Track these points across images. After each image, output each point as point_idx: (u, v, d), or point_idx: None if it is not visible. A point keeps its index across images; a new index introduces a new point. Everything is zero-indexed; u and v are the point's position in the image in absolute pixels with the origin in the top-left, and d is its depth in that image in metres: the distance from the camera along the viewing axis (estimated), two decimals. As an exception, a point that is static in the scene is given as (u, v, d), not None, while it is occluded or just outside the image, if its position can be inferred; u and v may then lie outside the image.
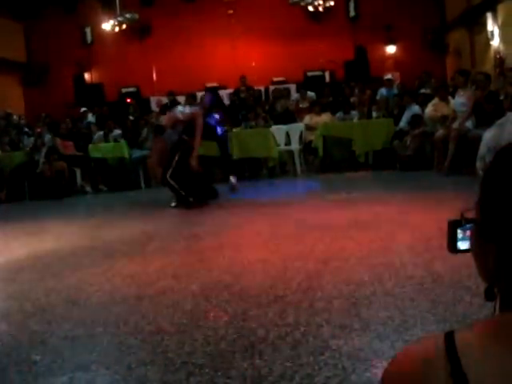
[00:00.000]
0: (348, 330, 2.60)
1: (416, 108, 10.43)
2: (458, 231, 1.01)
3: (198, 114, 8.02)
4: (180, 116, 7.98)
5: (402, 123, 10.41)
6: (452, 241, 1.02)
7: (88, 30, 16.93)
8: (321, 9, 14.92)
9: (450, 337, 0.81)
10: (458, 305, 2.78)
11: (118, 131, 11.87)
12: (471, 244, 0.93)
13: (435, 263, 3.54)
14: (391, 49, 17.81)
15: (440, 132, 9.21)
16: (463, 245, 1.01)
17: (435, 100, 10.03)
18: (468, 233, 0.99)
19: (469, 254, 0.96)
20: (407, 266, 3.57)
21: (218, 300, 3.17)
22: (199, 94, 13.26)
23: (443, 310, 2.72)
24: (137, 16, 12.51)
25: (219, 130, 9.30)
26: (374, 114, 11.45)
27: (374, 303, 2.93)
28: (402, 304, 2.87)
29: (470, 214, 0.94)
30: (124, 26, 13.47)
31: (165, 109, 10.79)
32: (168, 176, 7.72)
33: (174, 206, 7.77)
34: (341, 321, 2.72)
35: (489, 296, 0.87)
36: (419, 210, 5.98)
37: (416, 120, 9.99)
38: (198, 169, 7.82)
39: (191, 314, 2.99)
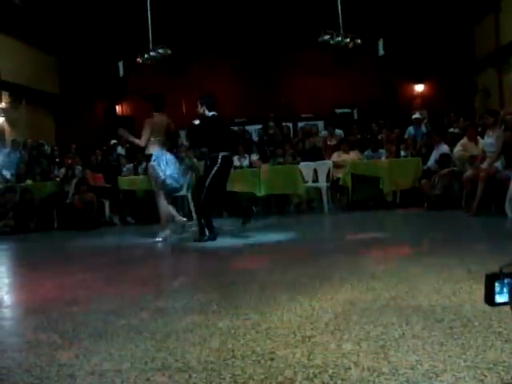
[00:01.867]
0: (377, 373, 2.58)
1: (444, 147, 10.41)
2: (496, 284, 1.02)
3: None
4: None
5: (430, 162, 10.38)
6: (489, 294, 1.03)
7: (120, 64, 17.25)
8: (350, 46, 15.06)
9: None
10: (488, 351, 2.74)
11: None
12: (510, 298, 0.94)
13: (464, 307, 3.50)
14: (419, 87, 17.88)
15: (469, 172, 9.17)
16: (501, 298, 1.02)
17: (464, 140, 10.02)
18: (506, 287, 1.00)
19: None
20: (436, 309, 3.53)
21: (245, 338, 3.17)
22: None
23: (474, 356, 2.68)
24: (169, 51, 12.74)
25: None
26: (402, 153, 11.44)
27: (402, 346, 2.90)
28: (431, 348, 2.84)
29: (510, 269, 0.95)
30: (156, 61, 13.69)
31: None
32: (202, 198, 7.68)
33: (160, 241, 7.83)
34: (369, 364, 2.69)
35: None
36: (446, 250, 5.93)
37: (444, 159, 9.97)
38: None
39: (219, 351, 2.98)
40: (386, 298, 3.90)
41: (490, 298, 1.03)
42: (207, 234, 7.60)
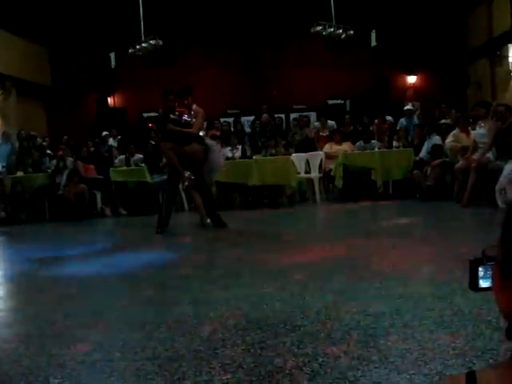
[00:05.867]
0: (366, 361, 2.59)
1: (437, 138, 10.41)
2: (480, 269, 1.01)
3: None
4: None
5: (423, 153, 10.38)
6: (473, 279, 1.02)
7: (112, 55, 17.15)
8: (342, 37, 15.00)
9: (471, 376, 0.82)
10: (477, 339, 2.75)
11: (139, 156, 11.99)
12: (493, 282, 0.94)
13: (455, 296, 3.52)
14: (412, 79, 17.86)
15: (460, 163, 9.18)
16: (485, 283, 1.01)
17: (456, 131, 10.02)
18: (490, 271, 0.99)
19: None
20: (426, 298, 3.55)
21: (235, 328, 3.17)
22: (221, 120, 13.39)
23: (463, 344, 2.69)
24: (161, 42, 12.68)
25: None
26: (395, 144, 11.43)
27: (392, 335, 2.91)
28: (421, 336, 2.85)
29: (492, 252, 0.95)
30: (148, 52, 13.62)
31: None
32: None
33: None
34: (359, 352, 2.70)
35: (510, 335, 0.87)
36: (438, 241, 5.95)
37: (436, 150, 9.97)
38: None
39: (209, 341, 2.99)
40: (377, 288, 3.91)
41: (473, 283, 1.03)
42: None
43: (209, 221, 7.86)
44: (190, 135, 7.64)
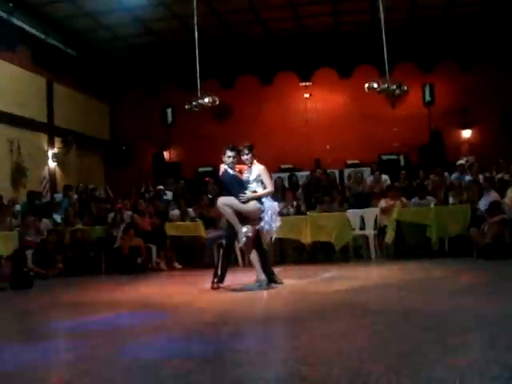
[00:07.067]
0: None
1: (494, 195, 10.24)
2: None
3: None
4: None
5: (481, 209, 10.22)
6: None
7: (169, 111, 17.62)
8: (397, 92, 15.03)
9: None
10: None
11: (190, 209, 12.16)
12: None
13: (521, 362, 3.39)
14: (467, 133, 17.69)
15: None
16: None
17: (513, 186, 9.88)
18: None
19: None
20: (490, 365, 3.42)
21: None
22: (274, 176, 13.47)
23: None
24: (217, 99, 12.93)
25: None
26: (451, 200, 11.27)
27: (456, 405, 2.82)
28: (486, 407, 2.75)
29: None
30: (204, 108, 13.88)
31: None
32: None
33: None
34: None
35: None
36: (498, 302, 5.78)
37: (494, 207, 9.79)
38: None
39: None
40: (438, 352, 3.81)
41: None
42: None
43: (264, 277, 7.83)
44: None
